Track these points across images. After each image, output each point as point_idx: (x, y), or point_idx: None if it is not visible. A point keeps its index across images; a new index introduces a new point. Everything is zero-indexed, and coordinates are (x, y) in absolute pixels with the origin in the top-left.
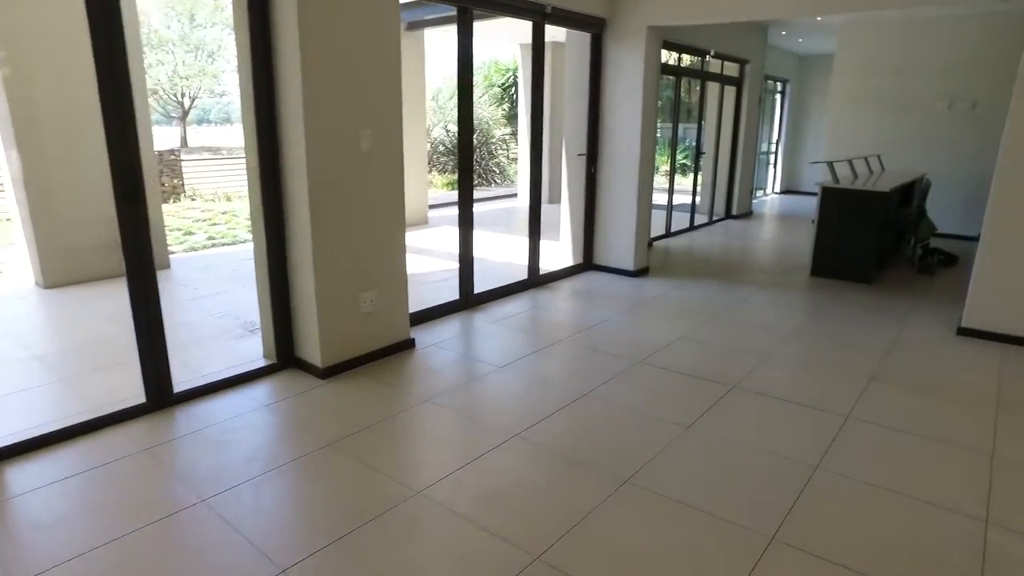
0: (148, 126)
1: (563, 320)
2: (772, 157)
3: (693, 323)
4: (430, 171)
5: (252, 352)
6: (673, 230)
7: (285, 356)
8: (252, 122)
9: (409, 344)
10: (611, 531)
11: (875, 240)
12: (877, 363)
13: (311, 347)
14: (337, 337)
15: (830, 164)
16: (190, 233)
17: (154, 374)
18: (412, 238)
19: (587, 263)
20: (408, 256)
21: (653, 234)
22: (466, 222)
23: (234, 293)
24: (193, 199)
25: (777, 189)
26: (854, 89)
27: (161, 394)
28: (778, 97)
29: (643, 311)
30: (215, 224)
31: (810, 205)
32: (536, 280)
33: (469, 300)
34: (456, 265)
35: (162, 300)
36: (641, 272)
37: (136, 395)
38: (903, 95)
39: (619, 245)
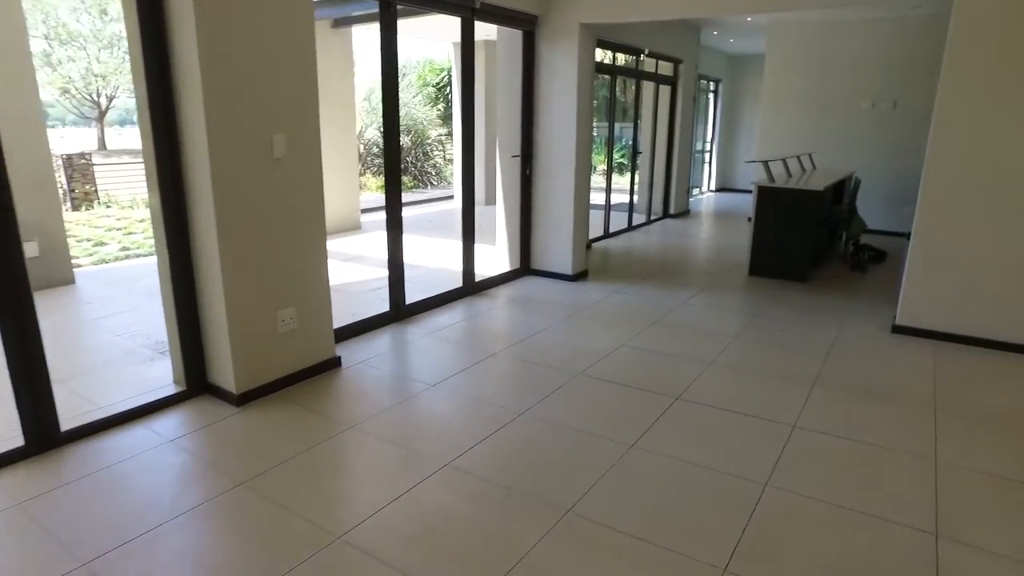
0: (40, 126)
1: (500, 330)
2: (707, 156)
3: (633, 329)
4: (363, 173)
5: (161, 378)
6: (612, 230)
7: (196, 382)
8: (148, 126)
9: (335, 363)
10: (554, 572)
11: (810, 239)
12: (819, 367)
13: (224, 371)
14: (253, 359)
15: (765, 163)
16: (102, 243)
17: (33, 411)
18: (343, 245)
19: (524, 268)
20: (338, 264)
21: (591, 235)
22: (395, 227)
23: (146, 310)
24: (108, 206)
25: (712, 187)
26: (783, 89)
27: (43, 434)
28: (711, 96)
29: (582, 318)
30: (131, 233)
31: (745, 202)
32: (472, 287)
33: (400, 311)
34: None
35: (61, 320)
36: (580, 276)
37: (11, 437)
38: (829, 95)
39: (557, 249)
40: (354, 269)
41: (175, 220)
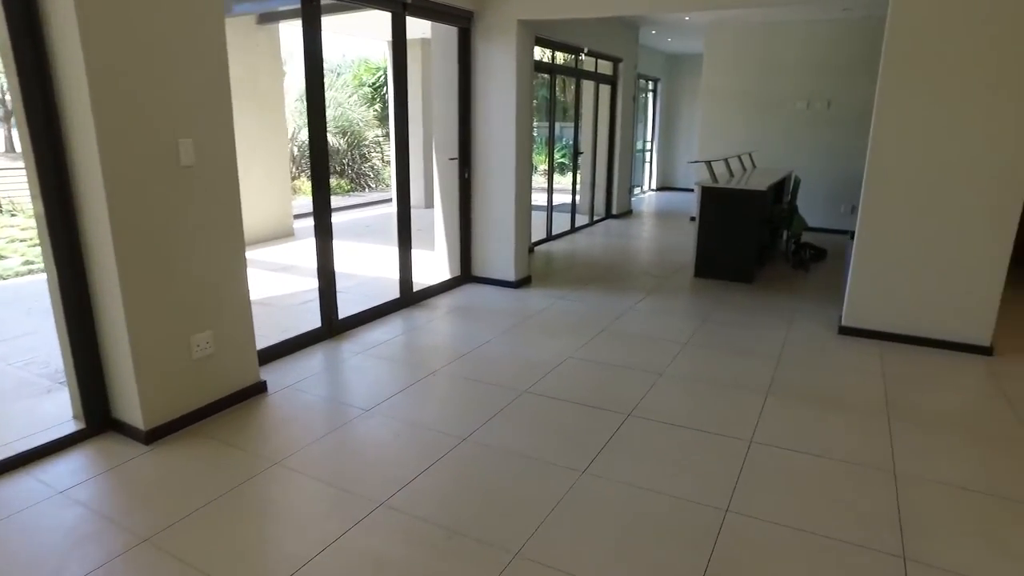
0: None
1: (440, 345)
2: (647, 155)
3: (580, 339)
4: (298, 177)
5: (58, 414)
6: (554, 233)
7: (98, 418)
8: (23, 120)
9: (259, 389)
10: None
11: (755, 239)
12: (770, 374)
13: (130, 405)
14: (164, 390)
15: (708, 164)
16: (2, 257)
17: None
18: (274, 254)
19: (465, 275)
20: (268, 276)
21: (534, 238)
22: (324, 234)
23: (48, 333)
24: (13, 215)
25: (654, 186)
26: (721, 88)
27: None
28: (650, 95)
29: (527, 328)
30: (36, 245)
31: (686, 201)
32: (410, 298)
33: (333, 327)
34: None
35: None
36: (523, 282)
37: None
38: (766, 94)
39: (499, 255)
40: (285, 281)
41: (63, 232)
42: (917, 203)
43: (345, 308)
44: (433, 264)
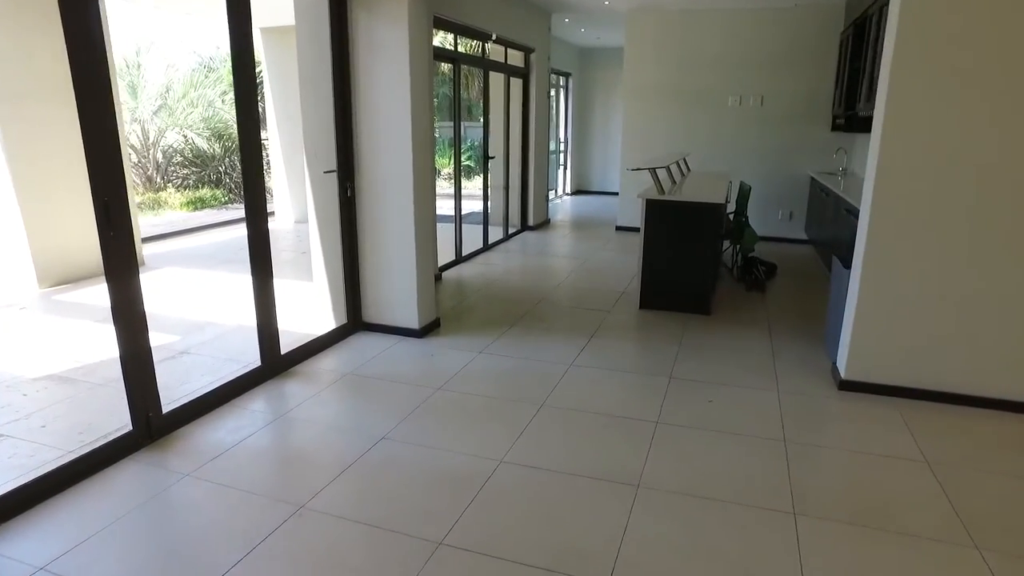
0: None
1: (313, 451)
2: (561, 156)
3: (513, 427)
4: (163, 188)
5: None
6: (465, 253)
7: None
8: None
9: None
10: None
11: (712, 262)
12: (784, 472)
13: None
14: None
15: (653, 171)
16: None
17: None
18: (103, 295)
19: (355, 322)
20: (90, 329)
21: (441, 261)
22: (120, 280)
23: None
24: None
25: (568, 190)
26: (645, 83)
27: None
28: (561, 91)
29: (438, 408)
30: None
31: (604, 206)
32: (276, 364)
33: (152, 428)
34: (174, 339)
35: None
36: (430, 328)
37: None
38: (694, 90)
39: (397, 294)
40: (108, 338)
41: None
42: (938, 228)
43: (183, 384)
44: (312, 302)
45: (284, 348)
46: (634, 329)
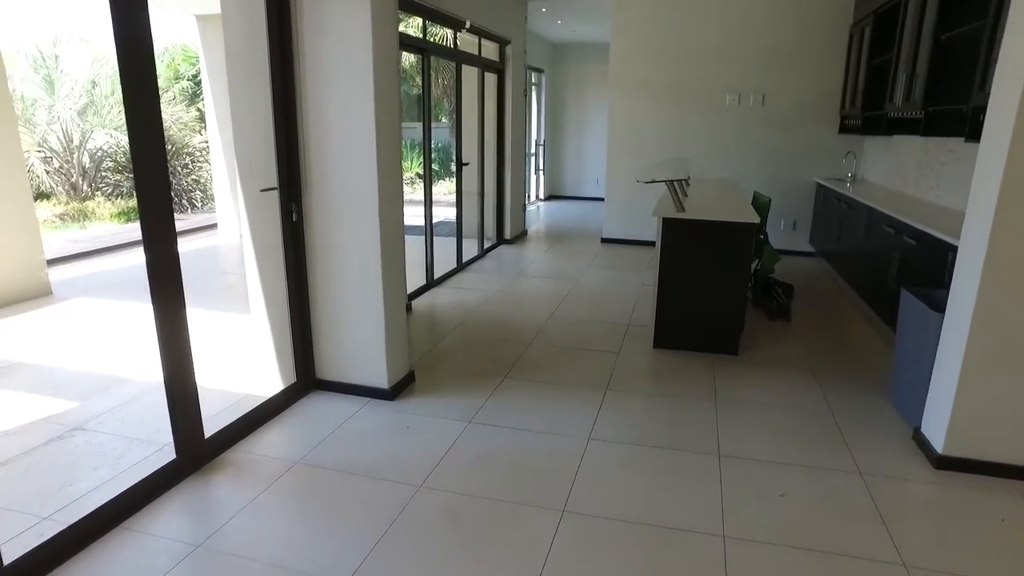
0: None
1: None
2: (536, 160)
3: (529, 553)
4: (91, 197)
5: None
6: (437, 275)
7: None
8: None
9: None
10: None
11: (743, 292)
12: None
13: None
14: None
15: (672, 184)
16: None
17: None
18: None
19: (307, 381)
20: None
21: (410, 286)
22: None
23: None
24: None
25: (542, 195)
26: (633, 78)
27: None
28: (534, 89)
29: (423, 523)
30: None
31: (582, 213)
32: (197, 453)
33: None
34: (69, 405)
35: None
36: (403, 386)
37: None
38: (690, 88)
39: (360, 345)
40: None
41: None
42: None
43: (64, 486)
44: (255, 348)
45: (215, 418)
46: (654, 378)
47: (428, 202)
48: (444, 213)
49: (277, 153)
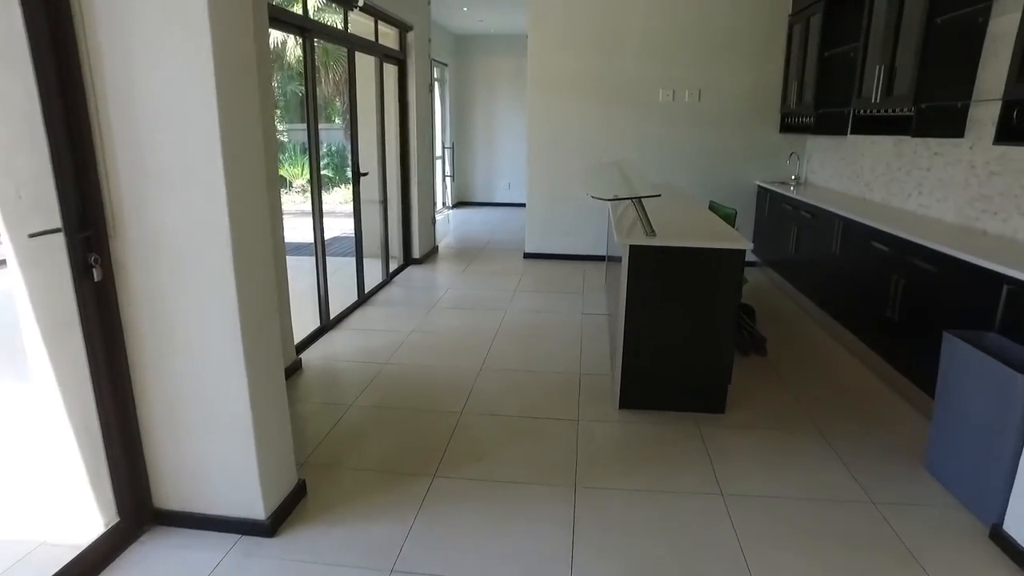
0: None
1: None
2: (444, 164)
3: None
4: None
5: None
6: (334, 312)
7: None
8: None
9: None
10: None
11: (730, 335)
12: None
13: None
14: None
15: (639, 201)
16: None
17: None
18: None
19: (138, 515)
20: None
21: (299, 333)
22: None
23: None
24: None
25: (450, 203)
26: (555, 73)
27: None
28: (438, 86)
29: None
30: None
31: (496, 222)
32: None
33: None
34: None
35: None
36: (288, 508)
37: None
38: (618, 83)
39: (217, 457)
40: None
41: None
42: None
43: None
44: (47, 469)
45: None
46: (634, 462)
47: (318, 220)
48: (342, 226)
49: (56, 174)
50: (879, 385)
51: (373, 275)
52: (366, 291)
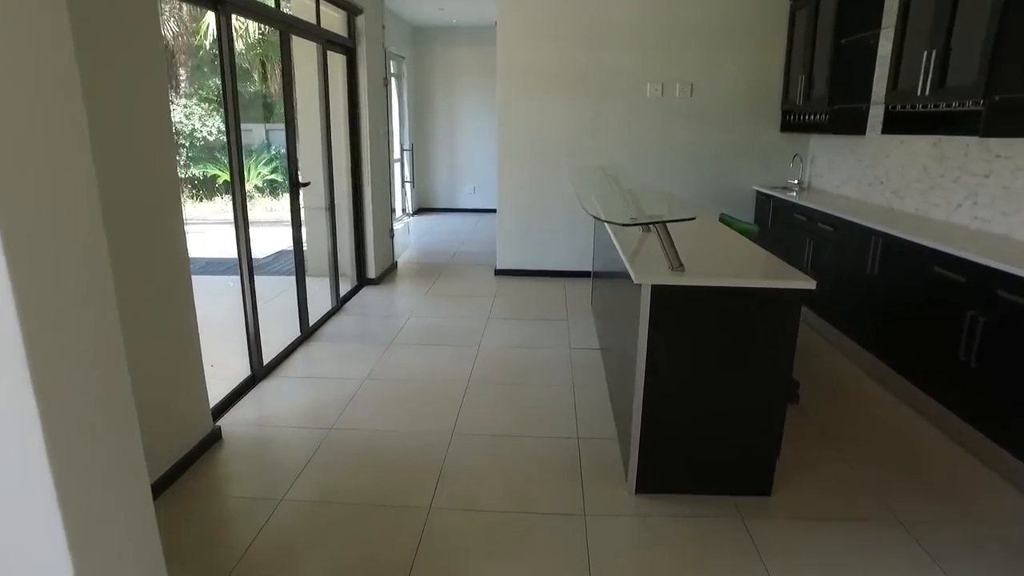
0: None
1: None
2: (403, 168)
3: None
4: None
5: None
6: (269, 357)
7: None
8: None
9: None
10: None
11: (783, 398)
12: None
13: None
14: None
15: (663, 230)
16: None
17: None
18: None
19: None
20: None
21: (223, 387)
22: None
23: None
24: None
25: (410, 209)
26: (528, 66)
27: None
28: (395, 81)
29: None
30: None
31: (462, 231)
32: None
33: None
34: None
35: None
36: None
37: None
38: (600, 75)
39: None
40: None
41: None
42: None
43: None
44: None
45: None
46: (663, 573)
47: (243, 239)
48: (282, 236)
49: None
50: (951, 447)
51: (320, 301)
52: (311, 323)
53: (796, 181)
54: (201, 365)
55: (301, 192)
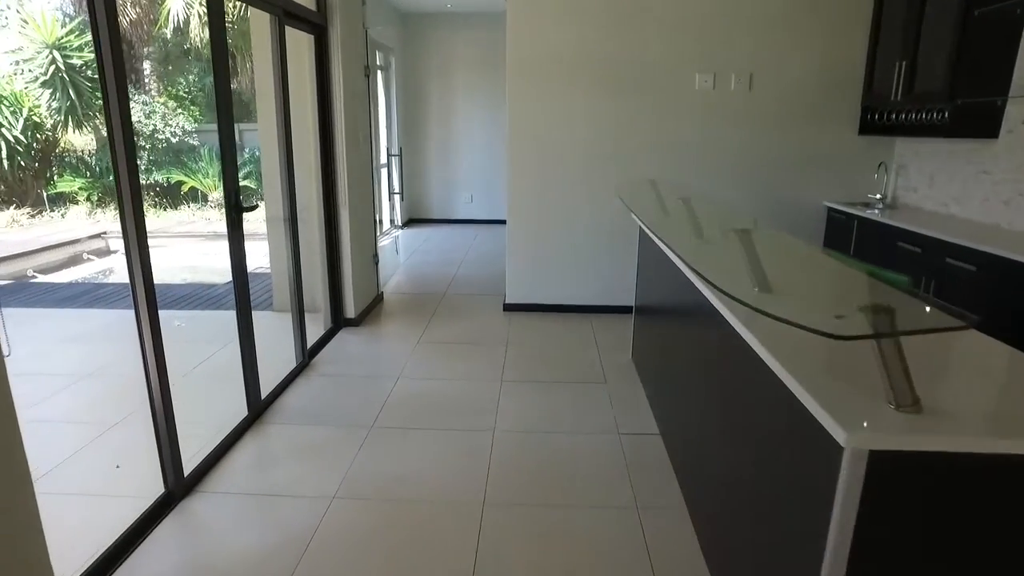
0: None
1: None
2: (390, 176)
3: None
4: None
5: None
6: (195, 461)
7: None
8: None
9: None
10: None
11: None
12: None
13: None
14: None
15: (891, 351)
16: None
17: None
18: None
19: None
20: None
21: (128, 512)
22: None
23: None
24: None
25: (399, 220)
26: (545, 54)
27: None
28: (381, 75)
29: None
30: None
31: (459, 248)
32: None
33: None
34: None
35: None
36: None
37: None
38: (634, 64)
39: None
40: None
41: None
42: None
43: None
44: None
45: None
46: None
47: (138, 272)
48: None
49: None
50: None
51: (281, 353)
52: (262, 397)
53: (879, 196)
54: (37, 516)
55: (243, 224)
